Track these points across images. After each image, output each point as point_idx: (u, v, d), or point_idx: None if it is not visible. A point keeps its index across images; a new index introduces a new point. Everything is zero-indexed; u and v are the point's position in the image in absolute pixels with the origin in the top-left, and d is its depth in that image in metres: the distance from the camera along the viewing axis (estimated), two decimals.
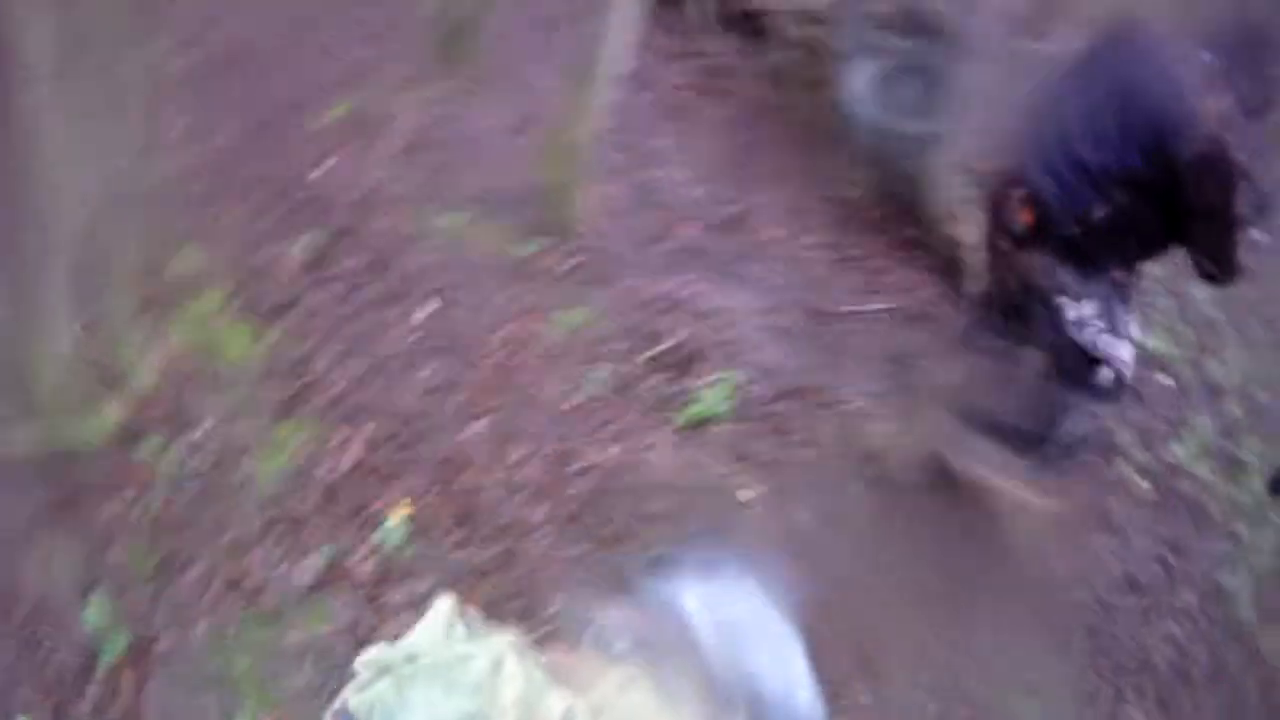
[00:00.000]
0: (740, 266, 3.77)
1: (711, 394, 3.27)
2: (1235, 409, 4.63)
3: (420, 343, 3.25)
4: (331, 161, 3.70)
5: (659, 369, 3.33)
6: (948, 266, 4.05)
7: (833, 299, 3.80)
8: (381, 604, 2.78)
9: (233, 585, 2.75)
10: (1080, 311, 3.03)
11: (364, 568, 2.82)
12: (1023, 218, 2.96)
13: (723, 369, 3.37)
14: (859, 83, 4.22)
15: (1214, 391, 4.63)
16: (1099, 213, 2.87)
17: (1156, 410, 4.24)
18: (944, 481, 3.43)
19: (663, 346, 3.38)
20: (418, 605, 2.76)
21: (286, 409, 3.08)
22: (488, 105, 3.93)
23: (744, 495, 3.10)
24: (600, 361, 3.29)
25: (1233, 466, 4.44)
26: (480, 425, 3.09)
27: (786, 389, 3.43)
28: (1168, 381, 4.42)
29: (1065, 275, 2.99)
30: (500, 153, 3.78)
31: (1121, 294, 3.10)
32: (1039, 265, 3.00)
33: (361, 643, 2.66)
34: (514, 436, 3.08)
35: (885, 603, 3.12)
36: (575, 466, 3.04)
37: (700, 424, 3.23)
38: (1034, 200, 2.92)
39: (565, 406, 3.17)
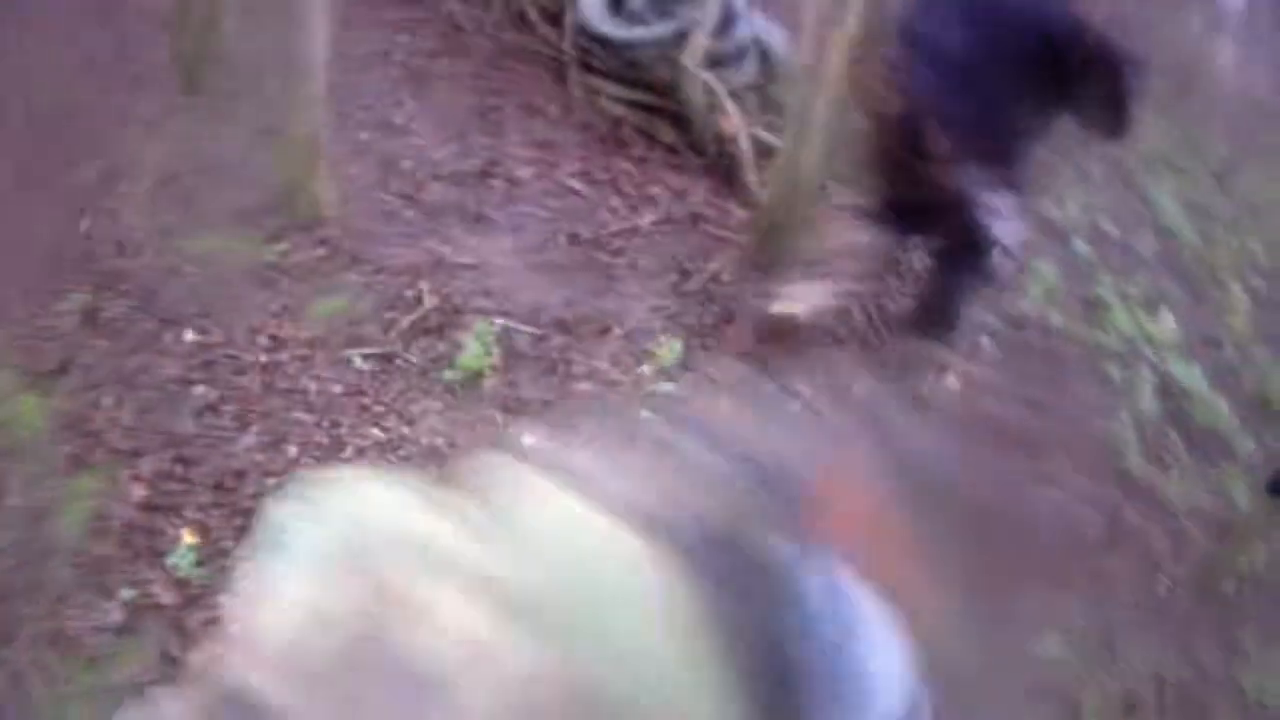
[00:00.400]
0: (495, 213, 3.76)
1: (475, 347, 3.25)
2: (1082, 247, 4.58)
3: (189, 369, 3.25)
4: (92, 215, 3.69)
5: (419, 334, 3.32)
6: (715, 163, 4.03)
7: (599, 223, 3.79)
8: (186, 629, 2.81)
9: (56, 640, 2.78)
10: (994, 200, 3.31)
11: (166, 597, 2.85)
12: (943, 144, 3.18)
13: (484, 319, 3.35)
14: (592, 2, 4.18)
15: (1054, 234, 4.60)
16: (1009, 122, 3.20)
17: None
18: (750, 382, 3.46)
19: (420, 311, 3.37)
20: (219, 623, 2.85)
21: (79, 462, 3.09)
22: (230, 125, 3.90)
23: (522, 442, 3.10)
24: (360, 343, 3.28)
25: (1089, 308, 4.39)
26: (251, 435, 3.10)
27: (556, 324, 3.42)
28: None
29: (982, 174, 3.25)
30: (245, 167, 3.75)
31: (1024, 176, 3.42)
32: (958, 173, 3.24)
33: (174, 670, 2.76)
34: (286, 438, 3.08)
35: None
36: (347, 451, 3.06)
37: (469, 380, 3.21)
38: (951, 127, 3.16)
39: (331, 395, 3.18)
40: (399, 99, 4.17)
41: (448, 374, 3.23)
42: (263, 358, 3.26)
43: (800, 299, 3.59)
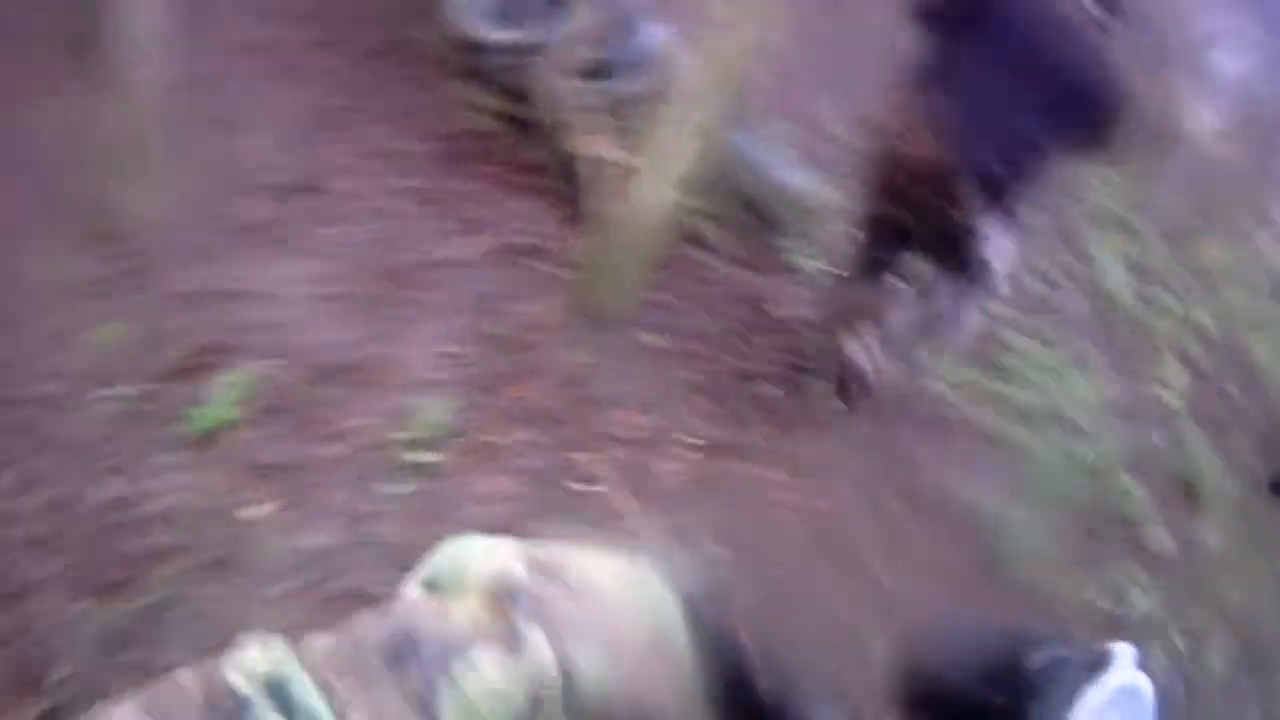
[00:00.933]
0: (307, 232, 3.41)
1: (226, 396, 2.95)
2: (999, 305, 4.06)
3: None
4: None
5: (177, 376, 3.00)
6: (568, 186, 3.60)
7: (417, 250, 3.43)
8: None
9: None
10: (999, 234, 3.36)
11: None
12: (973, 186, 3.19)
13: (248, 362, 3.03)
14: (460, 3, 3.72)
15: None
16: (1039, 168, 3.29)
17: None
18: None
19: (185, 348, 3.05)
20: None
21: None
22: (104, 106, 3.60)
23: (250, 514, 2.84)
24: (123, 379, 3.02)
25: (994, 374, 3.92)
26: (3, 478, 2.93)
27: (323, 373, 3.08)
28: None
29: (999, 216, 3.30)
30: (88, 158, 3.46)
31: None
32: (980, 216, 3.26)
33: None
34: (32, 485, 2.87)
35: None
36: (81, 508, 2.85)
37: (212, 434, 2.91)
38: (985, 178, 3.17)
39: (82, 440, 2.96)
40: (262, 94, 3.80)
41: (188, 425, 2.92)
42: (30, 391, 3.03)
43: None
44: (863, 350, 3.53)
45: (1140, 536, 3.69)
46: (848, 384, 3.54)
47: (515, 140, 3.81)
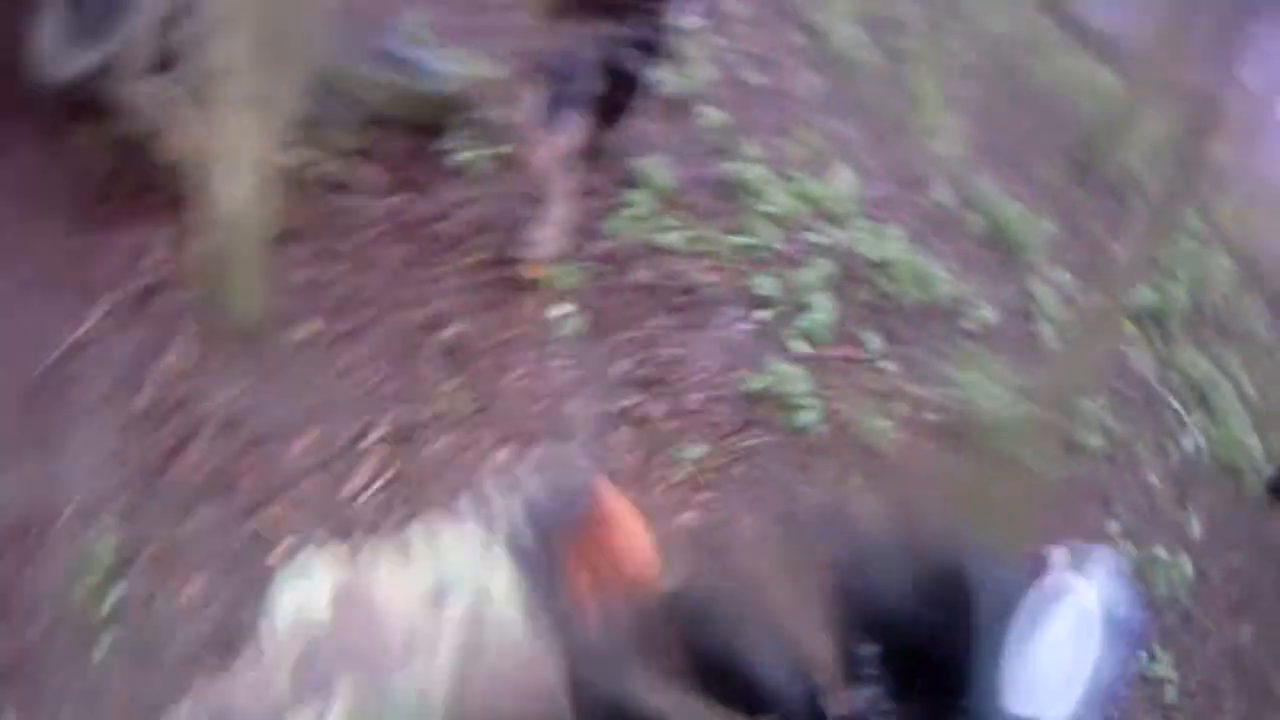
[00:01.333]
0: None
1: None
2: (713, 115, 3.12)
3: None
4: None
5: None
6: (172, 198, 2.94)
7: (47, 347, 2.89)
8: None
9: None
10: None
11: None
12: None
13: None
14: (47, 39, 3.06)
15: (671, 108, 3.38)
16: None
17: None
18: None
19: None
20: None
21: None
22: None
23: None
24: None
25: (722, 198, 3.13)
26: None
27: None
28: None
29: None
30: None
31: None
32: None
33: None
34: None
35: None
36: None
37: None
38: None
39: None
40: None
41: None
42: None
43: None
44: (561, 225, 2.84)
45: (957, 319, 2.87)
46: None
47: (120, 168, 3.16)
